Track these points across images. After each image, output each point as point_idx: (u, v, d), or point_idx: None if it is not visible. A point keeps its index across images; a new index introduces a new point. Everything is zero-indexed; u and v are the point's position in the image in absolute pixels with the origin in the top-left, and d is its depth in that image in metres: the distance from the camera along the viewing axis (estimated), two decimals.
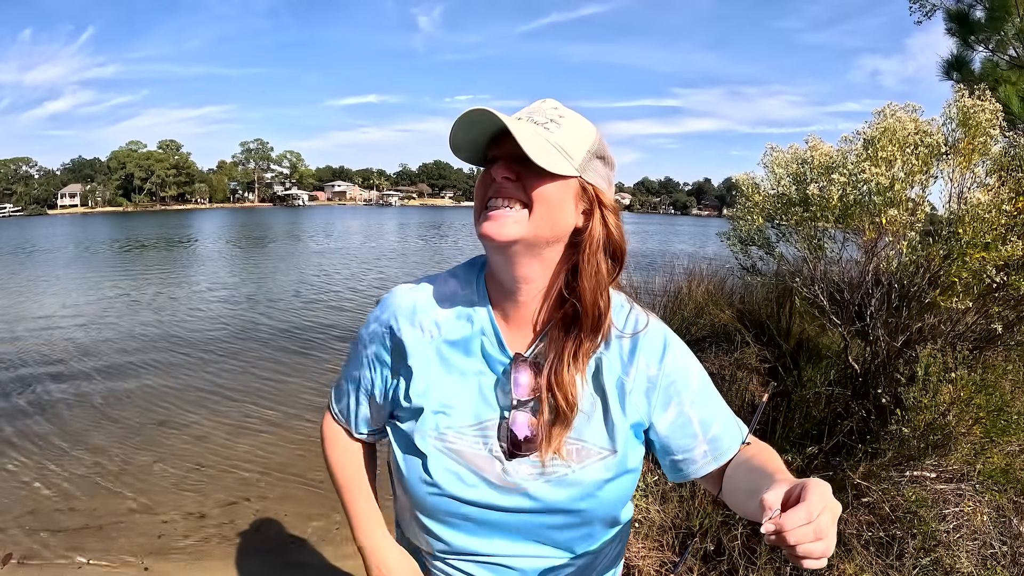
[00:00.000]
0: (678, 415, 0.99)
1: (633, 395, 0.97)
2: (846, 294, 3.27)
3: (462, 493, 0.94)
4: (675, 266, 7.67)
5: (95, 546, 3.57)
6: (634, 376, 0.98)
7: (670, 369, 0.99)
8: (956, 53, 7.90)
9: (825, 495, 0.68)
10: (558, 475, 0.93)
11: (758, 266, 4.00)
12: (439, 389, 0.97)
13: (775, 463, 0.95)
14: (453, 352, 0.98)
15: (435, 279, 1.05)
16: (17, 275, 16.76)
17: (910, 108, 2.95)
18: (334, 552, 3.54)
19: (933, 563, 2.32)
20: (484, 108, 0.84)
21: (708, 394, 1.03)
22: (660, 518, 2.86)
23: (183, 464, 4.66)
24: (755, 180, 3.59)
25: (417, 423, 0.96)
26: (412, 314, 1.01)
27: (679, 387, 0.99)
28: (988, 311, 2.93)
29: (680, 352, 1.02)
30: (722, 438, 1.01)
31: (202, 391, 6.44)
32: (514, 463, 0.93)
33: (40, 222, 60.64)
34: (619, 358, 0.98)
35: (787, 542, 0.66)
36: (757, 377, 4.63)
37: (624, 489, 0.98)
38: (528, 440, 0.93)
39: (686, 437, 0.99)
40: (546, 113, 0.92)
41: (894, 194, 2.72)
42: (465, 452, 0.94)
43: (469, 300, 1.01)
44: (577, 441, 0.94)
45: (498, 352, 0.97)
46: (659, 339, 1.01)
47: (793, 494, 0.70)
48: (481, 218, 0.91)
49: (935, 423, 2.53)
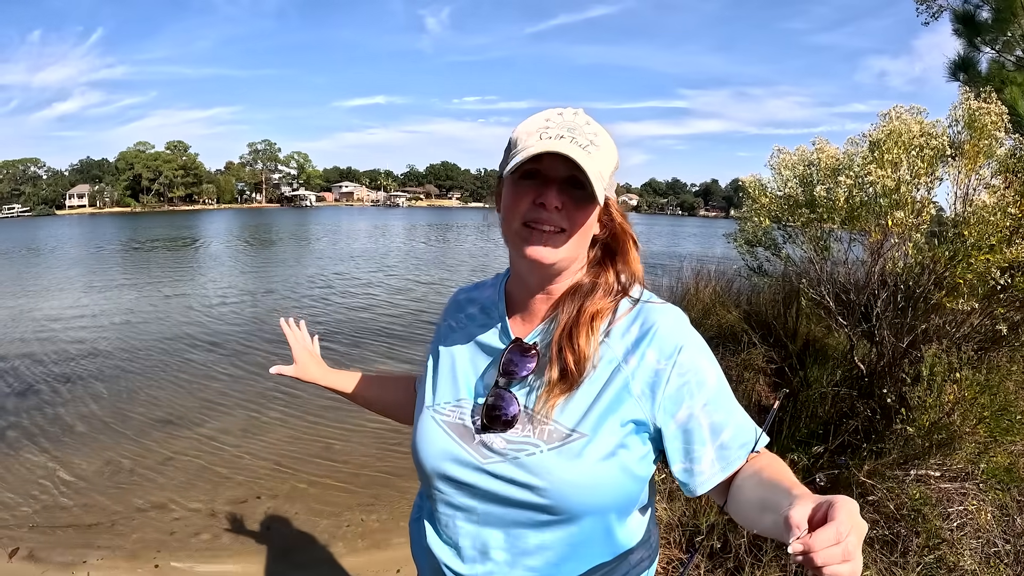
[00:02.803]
0: (688, 418, 0.94)
1: (633, 387, 0.94)
2: (852, 295, 3.30)
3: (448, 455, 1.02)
4: (682, 267, 7.68)
5: (105, 543, 3.60)
6: (635, 366, 0.95)
7: (684, 368, 0.95)
8: (963, 54, 7.88)
9: (853, 514, 0.64)
10: (526, 452, 0.94)
11: (764, 267, 4.02)
12: (449, 369, 1.11)
13: (788, 476, 0.91)
14: (470, 340, 1.11)
15: (482, 283, 1.22)
16: (25, 275, 16.88)
17: (915, 110, 2.97)
18: (344, 550, 3.56)
19: (937, 561, 2.34)
20: (567, 154, 0.88)
21: (723, 398, 0.97)
22: (667, 516, 2.88)
23: (194, 462, 4.70)
24: (761, 182, 3.61)
25: (425, 397, 1.11)
26: (453, 310, 1.21)
27: (692, 388, 0.94)
28: (993, 312, 2.94)
29: (697, 352, 0.97)
30: (731, 446, 0.95)
31: (212, 390, 6.49)
32: (489, 435, 0.99)
33: (48, 223, 60.93)
34: (622, 346, 0.97)
35: (815, 563, 0.63)
36: (764, 378, 4.65)
37: (599, 481, 0.93)
38: (509, 420, 0.98)
39: (695, 443, 0.94)
40: (586, 134, 0.93)
41: (900, 196, 2.75)
42: (454, 424, 1.04)
43: (492, 298, 1.14)
44: (552, 422, 0.95)
45: (500, 339, 1.07)
46: (673, 336, 0.97)
47: (820, 511, 0.67)
48: (524, 237, 0.96)
49: (939, 423, 2.56)
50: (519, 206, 0.95)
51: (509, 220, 0.97)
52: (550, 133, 0.92)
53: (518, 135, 0.95)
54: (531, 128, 0.94)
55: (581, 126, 0.94)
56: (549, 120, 0.95)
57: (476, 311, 1.16)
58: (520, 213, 0.95)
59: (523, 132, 0.95)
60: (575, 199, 0.93)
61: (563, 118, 0.95)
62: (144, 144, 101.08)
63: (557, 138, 0.91)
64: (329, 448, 4.94)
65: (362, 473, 4.44)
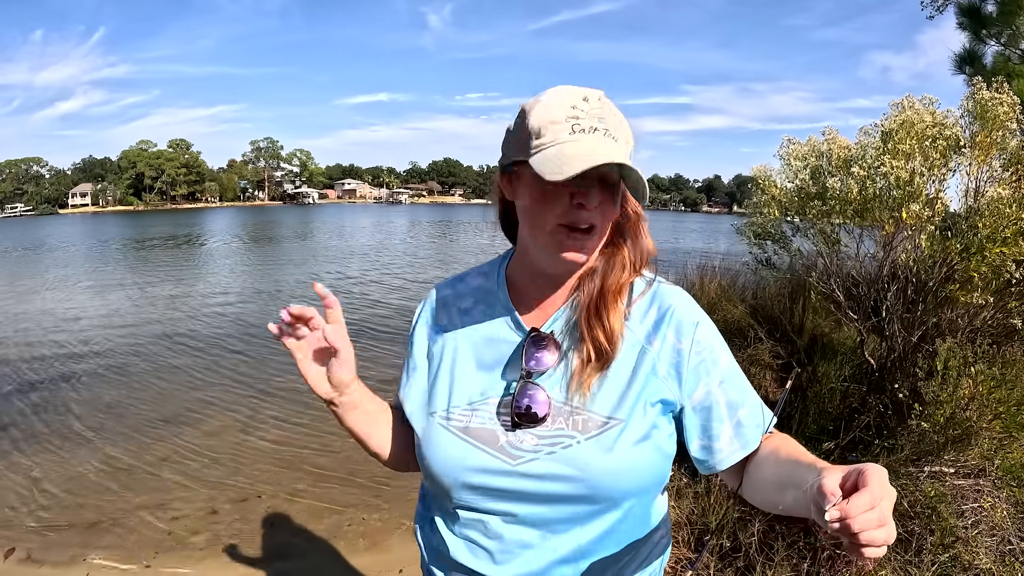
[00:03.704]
0: (706, 396, 0.95)
1: (659, 368, 0.95)
2: (862, 289, 3.25)
3: (470, 464, 0.94)
4: (687, 262, 7.65)
5: (102, 543, 3.57)
6: (659, 348, 0.95)
7: (701, 346, 0.96)
8: (968, 47, 7.85)
9: (884, 480, 0.65)
10: (563, 445, 0.91)
11: (773, 260, 3.97)
12: (451, 371, 1.02)
13: (805, 453, 0.92)
14: (473, 337, 1.03)
15: (464, 275, 1.13)
16: (24, 275, 16.89)
17: (927, 100, 2.92)
18: (345, 548, 3.53)
19: (952, 559, 2.30)
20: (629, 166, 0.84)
21: (736, 376, 0.98)
22: (675, 514, 2.85)
23: (194, 461, 4.68)
24: (770, 173, 3.55)
25: (431, 403, 1.01)
26: (438, 308, 1.10)
27: (708, 366, 0.96)
28: (1006, 306, 2.90)
29: (710, 330, 0.99)
30: (747, 424, 0.96)
31: (212, 388, 6.47)
32: (518, 434, 0.93)
33: (51, 221, 61.07)
34: (643, 328, 0.97)
35: (851, 529, 0.63)
36: (771, 373, 4.61)
37: (639, 465, 0.93)
38: (529, 411, 0.93)
39: (713, 420, 0.95)
40: (616, 124, 0.90)
41: (914, 188, 2.70)
42: (472, 428, 0.96)
43: (490, 290, 1.06)
44: (585, 411, 0.93)
45: (514, 331, 1.00)
46: (689, 314, 0.98)
47: (850, 479, 0.67)
48: (561, 240, 0.90)
49: (954, 418, 2.51)
50: (554, 207, 0.89)
51: (539, 220, 0.91)
52: (582, 124, 0.86)
53: (540, 123, 0.87)
54: (556, 115, 0.87)
55: (609, 114, 0.90)
56: (576, 108, 0.87)
57: (471, 305, 1.06)
58: (556, 215, 0.89)
59: (546, 120, 0.87)
60: (610, 196, 0.91)
61: (589, 105, 0.88)
62: (147, 143, 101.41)
63: (591, 131, 0.86)
64: (329, 446, 4.91)
65: (362, 471, 4.40)
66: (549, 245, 0.91)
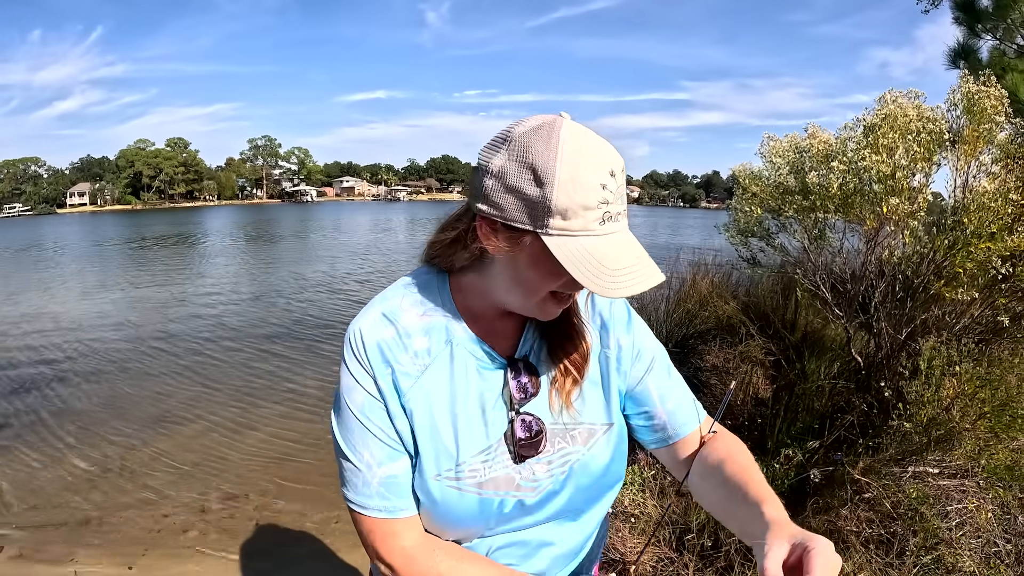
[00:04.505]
0: (639, 383, 1.01)
1: (617, 366, 1.00)
2: (848, 285, 3.21)
3: (491, 521, 0.92)
4: (680, 258, 7.62)
5: (92, 542, 3.58)
6: (614, 348, 1.00)
7: (636, 338, 1.02)
8: (963, 42, 7.79)
9: (829, 559, 0.63)
10: (571, 461, 0.94)
11: (758, 258, 3.94)
12: (431, 426, 0.89)
13: (753, 474, 0.91)
14: (444, 381, 0.90)
15: (394, 309, 0.92)
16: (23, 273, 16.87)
17: (912, 95, 2.88)
18: (334, 546, 3.54)
19: (935, 561, 2.26)
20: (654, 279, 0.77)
21: (666, 368, 1.05)
22: (657, 514, 2.81)
23: (184, 459, 4.67)
24: (753, 171, 3.52)
25: (428, 468, 0.89)
26: (388, 355, 0.89)
27: (643, 356, 1.02)
28: (994, 302, 2.85)
29: (641, 323, 1.05)
30: (677, 413, 1.02)
31: (204, 387, 6.46)
32: (528, 466, 0.92)
33: (49, 221, 61.11)
34: (597, 334, 1.00)
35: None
36: (762, 370, 4.58)
37: (625, 455, 1.02)
38: (529, 439, 0.91)
39: (649, 403, 1.02)
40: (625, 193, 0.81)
41: (895, 182, 2.65)
42: (489, 480, 0.90)
43: (440, 323, 0.92)
44: (578, 425, 0.95)
45: (489, 364, 0.92)
46: (621, 311, 1.03)
47: (795, 553, 0.66)
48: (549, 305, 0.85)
49: (938, 418, 2.47)
50: (553, 281, 0.80)
51: (533, 289, 0.82)
52: (610, 211, 0.76)
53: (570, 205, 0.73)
54: (589, 200, 0.74)
55: (623, 187, 0.79)
56: (607, 188, 0.75)
57: (428, 344, 0.90)
58: (553, 286, 0.81)
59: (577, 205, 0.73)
60: None
61: (616, 182, 0.76)
62: (144, 141, 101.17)
63: (617, 216, 0.77)
64: (319, 444, 4.91)
65: None
66: (535, 309, 0.86)
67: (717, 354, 5.01)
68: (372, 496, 0.88)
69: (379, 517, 0.88)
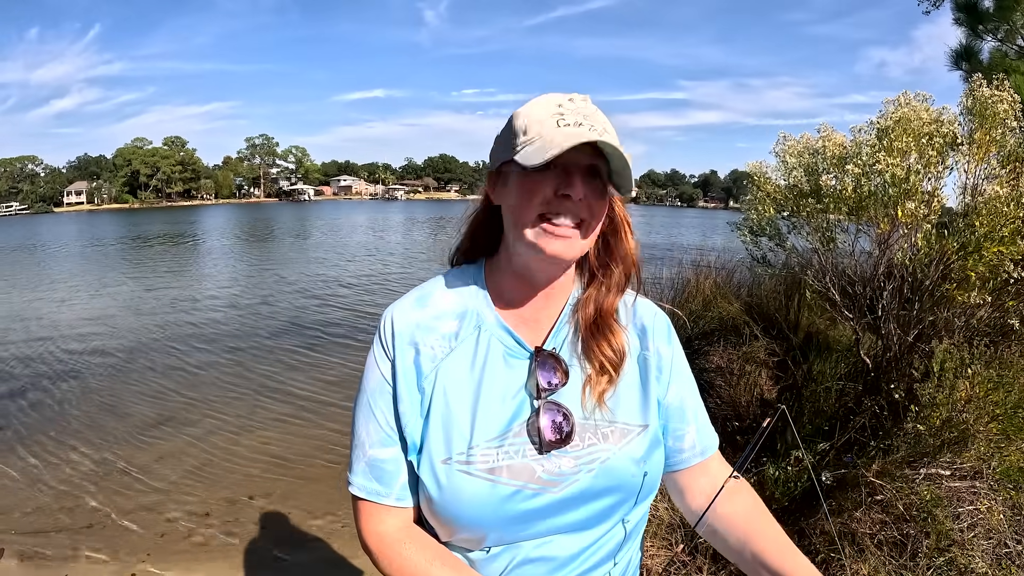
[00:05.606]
0: (675, 397, 1.02)
1: (657, 374, 1.00)
2: (858, 287, 3.21)
3: (503, 512, 0.88)
4: (682, 259, 7.62)
5: (95, 544, 3.56)
6: (653, 353, 1.01)
7: (675, 352, 1.04)
8: (964, 43, 7.81)
9: None
10: (600, 460, 0.91)
11: (768, 257, 3.94)
12: (447, 408, 0.90)
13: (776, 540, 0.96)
14: (469, 366, 0.93)
15: (429, 293, 0.99)
16: (21, 273, 16.82)
17: (921, 97, 2.88)
18: (338, 548, 3.53)
19: (947, 563, 2.27)
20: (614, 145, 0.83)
21: (695, 387, 1.06)
22: (669, 516, 2.82)
23: (187, 462, 4.66)
24: (766, 169, 3.52)
25: (437, 451, 0.89)
26: (405, 339, 0.94)
27: (677, 371, 1.03)
28: (1004, 305, 2.86)
29: (677, 340, 1.07)
30: (704, 432, 1.04)
31: (206, 389, 6.45)
32: (552, 458, 0.89)
33: (45, 220, 60.95)
34: (637, 338, 1.02)
35: None
36: (766, 371, 4.58)
37: (661, 462, 0.99)
38: (559, 440, 0.90)
39: (681, 420, 1.02)
40: (600, 121, 0.88)
41: (910, 186, 2.66)
42: (502, 467, 0.88)
43: (473, 308, 0.97)
44: (612, 424, 0.94)
45: (516, 352, 0.95)
46: (664, 323, 1.06)
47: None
48: (540, 232, 0.87)
49: (951, 420, 2.48)
50: (534, 197, 0.86)
51: (523, 215, 0.87)
52: (567, 120, 0.85)
53: (527, 122, 0.87)
54: (542, 114, 0.87)
55: (593, 113, 0.89)
56: (562, 106, 0.88)
57: (456, 328, 0.95)
58: (536, 204, 0.86)
59: (532, 119, 0.87)
60: (596, 190, 0.88)
61: (574, 104, 0.89)
62: (142, 140, 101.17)
63: (576, 125, 0.84)
64: (322, 446, 4.90)
65: None
66: (528, 239, 0.87)
67: (722, 355, 5.00)
68: (358, 473, 0.94)
69: (362, 497, 0.93)
